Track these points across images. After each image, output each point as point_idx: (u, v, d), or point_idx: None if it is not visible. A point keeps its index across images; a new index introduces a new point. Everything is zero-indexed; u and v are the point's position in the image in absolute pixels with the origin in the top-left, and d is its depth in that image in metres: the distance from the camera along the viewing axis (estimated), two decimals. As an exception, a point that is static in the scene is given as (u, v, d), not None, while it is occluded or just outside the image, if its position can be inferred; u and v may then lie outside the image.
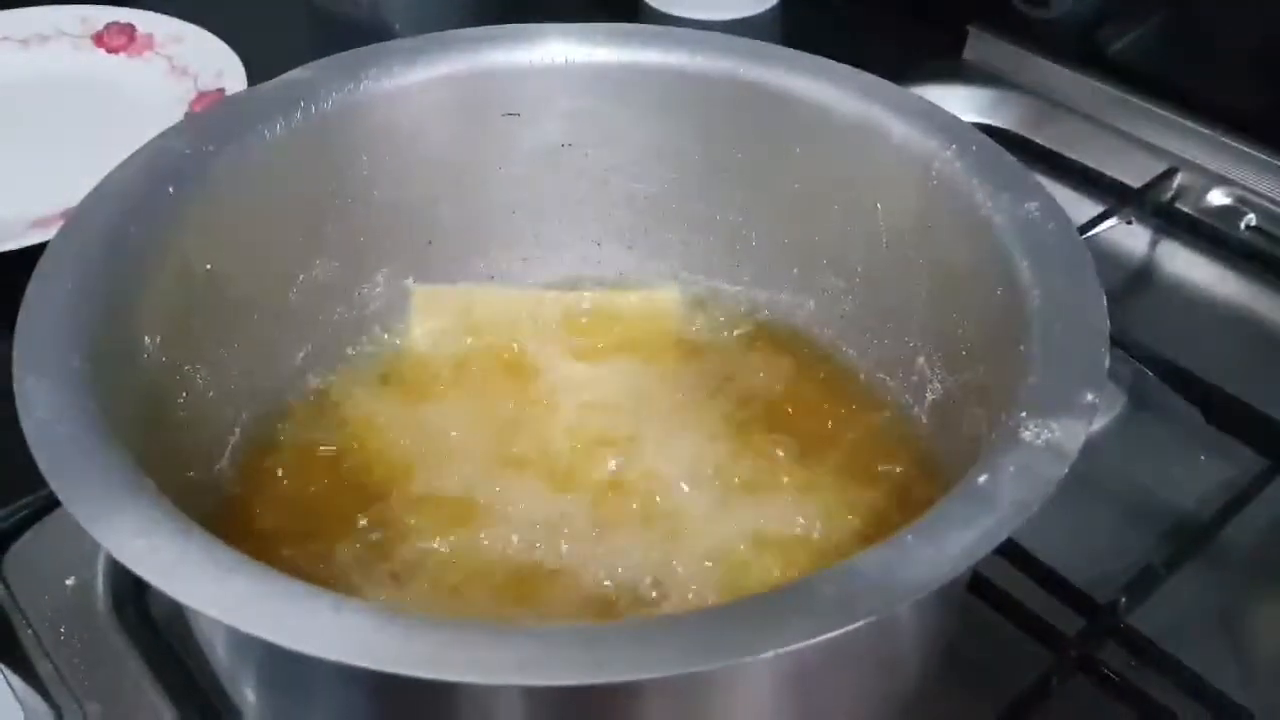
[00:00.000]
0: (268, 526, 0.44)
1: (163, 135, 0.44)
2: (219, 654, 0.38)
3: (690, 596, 0.41)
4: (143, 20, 0.81)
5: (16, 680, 0.44)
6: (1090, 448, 0.54)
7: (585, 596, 0.41)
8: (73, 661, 0.45)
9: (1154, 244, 0.66)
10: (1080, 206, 0.67)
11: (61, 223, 0.41)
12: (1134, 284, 0.65)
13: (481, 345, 0.51)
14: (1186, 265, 0.65)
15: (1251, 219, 0.66)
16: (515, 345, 0.51)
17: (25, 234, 0.62)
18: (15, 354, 0.35)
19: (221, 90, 0.74)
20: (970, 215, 0.42)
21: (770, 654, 0.26)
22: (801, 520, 0.43)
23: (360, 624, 0.28)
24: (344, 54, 0.48)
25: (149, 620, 0.47)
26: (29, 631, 0.46)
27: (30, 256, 0.38)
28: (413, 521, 0.44)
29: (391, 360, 0.50)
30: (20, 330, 0.36)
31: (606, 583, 0.41)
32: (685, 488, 0.45)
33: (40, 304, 0.37)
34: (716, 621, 0.28)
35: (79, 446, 0.32)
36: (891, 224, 0.46)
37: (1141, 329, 0.57)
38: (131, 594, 0.47)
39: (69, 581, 0.47)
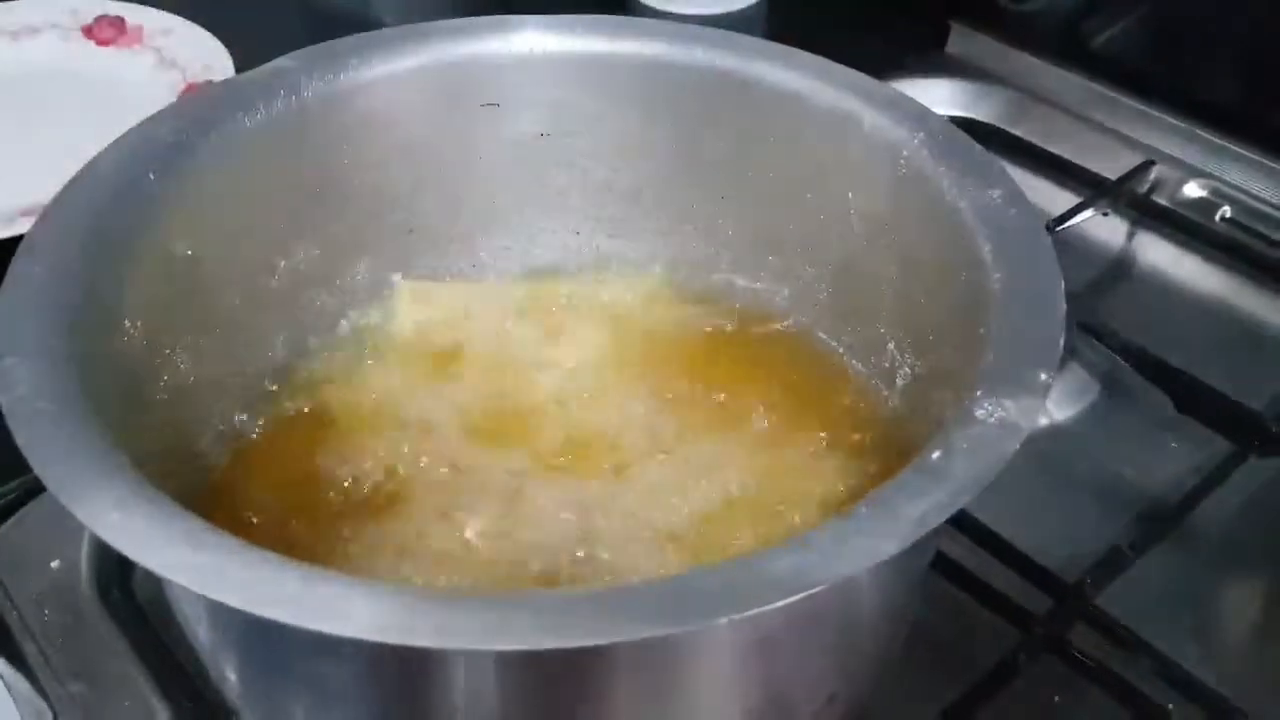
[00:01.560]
0: (249, 509, 0.44)
1: (145, 122, 0.44)
2: (200, 633, 0.39)
3: (659, 568, 0.41)
4: (132, 13, 0.81)
5: (6, 668, 0.44)
6: (1063, 433, 0.56)
7: (565, 573, 0.42)
8: (56, 643, 0.45)
9: (1130, 235, 0.67)
10: (1058, 198, 0.67)
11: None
12: (1110, 274, 0.66)
13: (463, 333, 0.51)
14: (1162, 256, 0.66)
15: (1226, 211, 0.67)
16: (495, 333, 0.51)
17: (14, 223, 0.62)
18: (-6, 334, 0.36)
19: (209, 82, 0.74)
20: (937, 202, 0.42)
21: (724, 620, 0.27)
22: (773, 500, 0.44)
23: (327, 592, 0.29)
24: (326, 43, 0.49)
25: (133, 602, 0.47)
26: (14, 614, 0.46)
27: (18, 245, 0.39)
28: (394, 505, 0.44)
29: (373, 347, 0.51)
30: (0, 311, 0.36)
31: (581, 555, 0.42)
32: (661, 466, 0.45)
33: (21, 286, 0.37)
34: (675, 589, 0.28)
35: (58, 423, 0.33)
36: (863, 212, 0.47)
37: (1116, 318, 0.58)
38: (116, 577, 0.48)
39: (54, 564, 0.48)
